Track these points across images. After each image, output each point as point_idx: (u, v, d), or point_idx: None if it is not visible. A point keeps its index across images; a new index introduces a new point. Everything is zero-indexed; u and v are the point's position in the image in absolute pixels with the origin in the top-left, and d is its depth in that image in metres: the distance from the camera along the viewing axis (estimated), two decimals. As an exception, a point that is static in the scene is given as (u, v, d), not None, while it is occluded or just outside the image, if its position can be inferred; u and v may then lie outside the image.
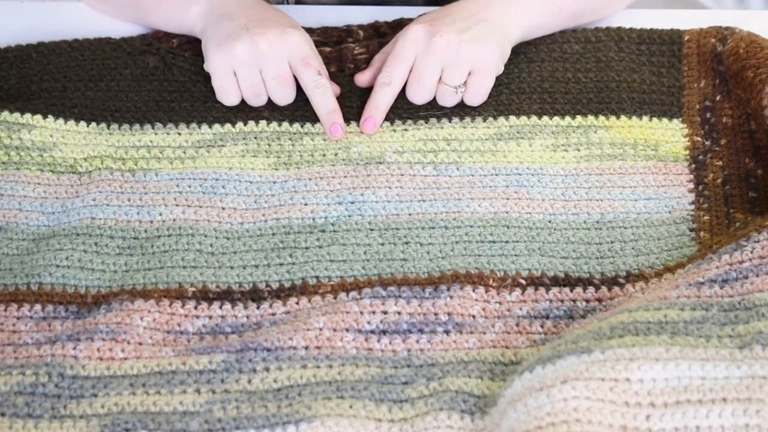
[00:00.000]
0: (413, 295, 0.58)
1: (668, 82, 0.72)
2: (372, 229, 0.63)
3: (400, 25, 0.76)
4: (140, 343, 0.56)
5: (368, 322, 0.57)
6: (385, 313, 0.57)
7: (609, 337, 0.51)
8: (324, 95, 0.69)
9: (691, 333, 0.51)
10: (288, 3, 0.85)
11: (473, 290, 0.58)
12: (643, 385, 0.48)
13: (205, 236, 0.63)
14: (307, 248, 0.62)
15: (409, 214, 0.64)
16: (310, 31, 0.76)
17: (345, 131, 0.69)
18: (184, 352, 0.56)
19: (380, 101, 0.69)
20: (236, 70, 0.69)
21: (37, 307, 0.59)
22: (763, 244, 0.56)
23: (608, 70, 0.73)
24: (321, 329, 0.56)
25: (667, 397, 0.48)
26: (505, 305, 0.58)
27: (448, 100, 0.70)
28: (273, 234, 0.63)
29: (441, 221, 0.63)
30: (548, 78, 0.73)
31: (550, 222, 0.64)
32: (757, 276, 0.55)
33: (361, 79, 0.73)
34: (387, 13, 0.80)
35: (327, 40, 0.76)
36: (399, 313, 0.57)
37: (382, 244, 0.62)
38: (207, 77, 0.72)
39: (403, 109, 0.71)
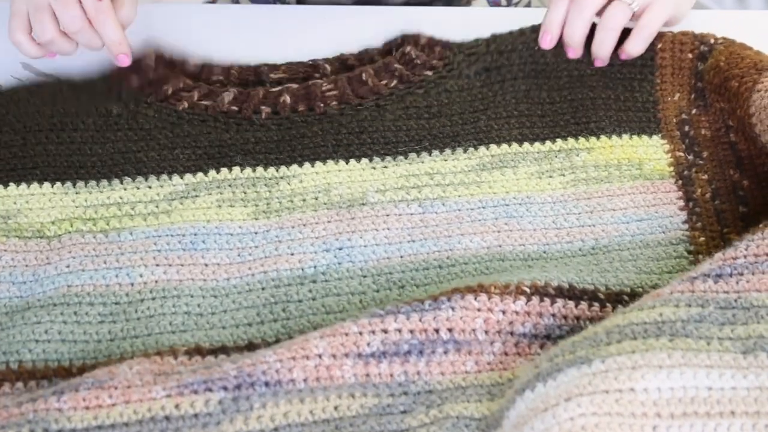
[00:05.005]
0: (412, 309, 0.55)
1: (642, 97, 0.72)
2: (365, 276, 0.61)
3: (367, 54, 0.75)
4: (129, 387, 0.52)
5: (368, 344, 0.54)
6: (386, 332, 0.54)
7: (607, 344, 0.50)
8: (106, 23, 0.70)
9: (690, 334, 0.50)
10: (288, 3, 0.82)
11: (475, 298, 0.55)
12: (648, 395, 0.47)
13: (192, 296, 0.60)
14: (300, 301, 0.60)
15: (401, 257, 0.62)
16: (275, 67, 0.74)
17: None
18: (176, 390, 0.52)
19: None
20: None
21: (19, 384, 0.55)
22: (758, 243, 0.56)
23: (582, 87, 0.72)
24: (321, 356, 0.53)
25: (674, 408, 0.47)
26: (509, 316, 0.55)
27: (617, 19, 0.70)
28: (263, 288, 0.61)
29: (434, 261, 0.62)
30: (523, 100, 0.72)
31: (545, 252, 0.63)
32: (752, 274, 0.54)
33: (548, 42, 0.73)
34: (388, 14, 0.77)
35: (294, 77, 0.74)
36: (399, 330, 0.54)
37: (377, 291, 0.61)
38: (173, 123, 0.69)
39: (380, 145, 0.69)
